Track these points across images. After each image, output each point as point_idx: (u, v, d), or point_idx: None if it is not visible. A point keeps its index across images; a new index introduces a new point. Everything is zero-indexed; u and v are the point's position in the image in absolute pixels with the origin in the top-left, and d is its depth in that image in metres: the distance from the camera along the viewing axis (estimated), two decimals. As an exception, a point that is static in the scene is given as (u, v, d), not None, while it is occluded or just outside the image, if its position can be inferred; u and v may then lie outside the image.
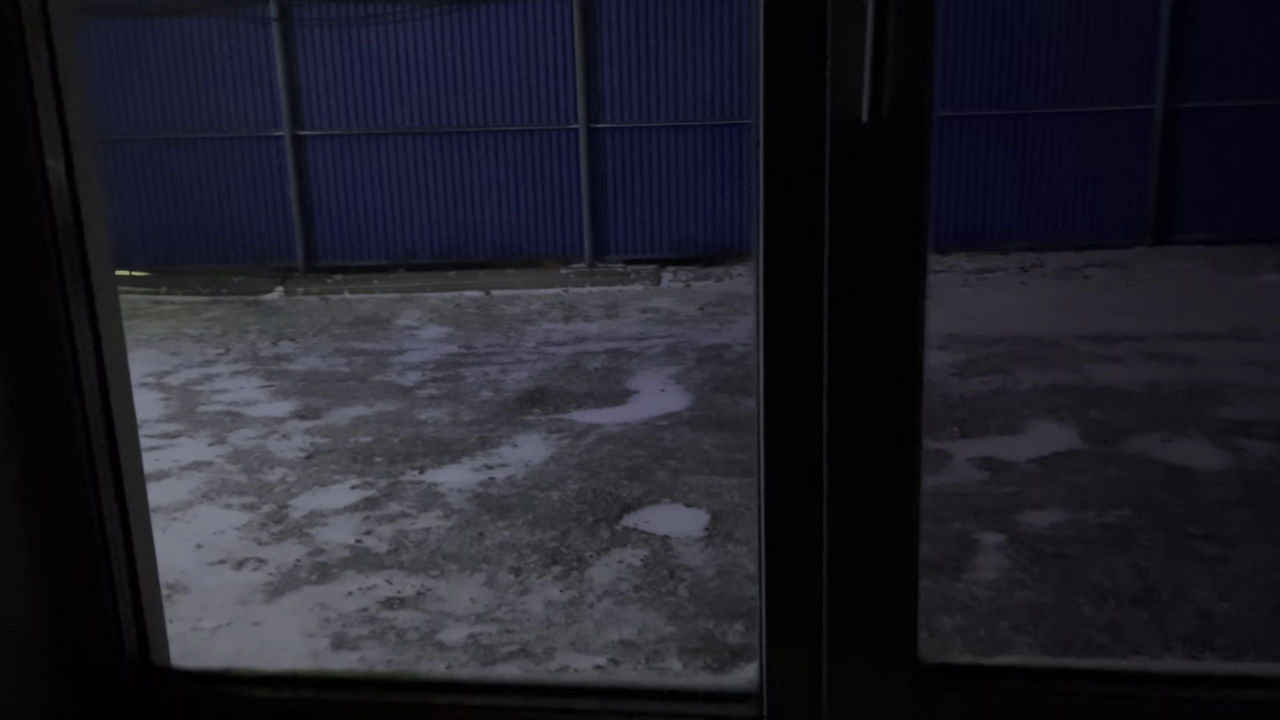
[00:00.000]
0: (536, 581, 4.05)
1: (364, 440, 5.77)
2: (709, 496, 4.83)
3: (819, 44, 0.97)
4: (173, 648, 4.05)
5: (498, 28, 10.34)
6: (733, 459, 5.30)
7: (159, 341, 8.37)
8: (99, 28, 10.25)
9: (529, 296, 9.81)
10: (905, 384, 1.05)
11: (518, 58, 10.41)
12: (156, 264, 10.79)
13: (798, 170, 1.01)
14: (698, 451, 5.44)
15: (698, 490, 4.91)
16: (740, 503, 4.74)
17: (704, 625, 3.70)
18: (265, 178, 10.62)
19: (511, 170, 10.65)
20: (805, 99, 0.99)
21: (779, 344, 1.06)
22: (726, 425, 5.84)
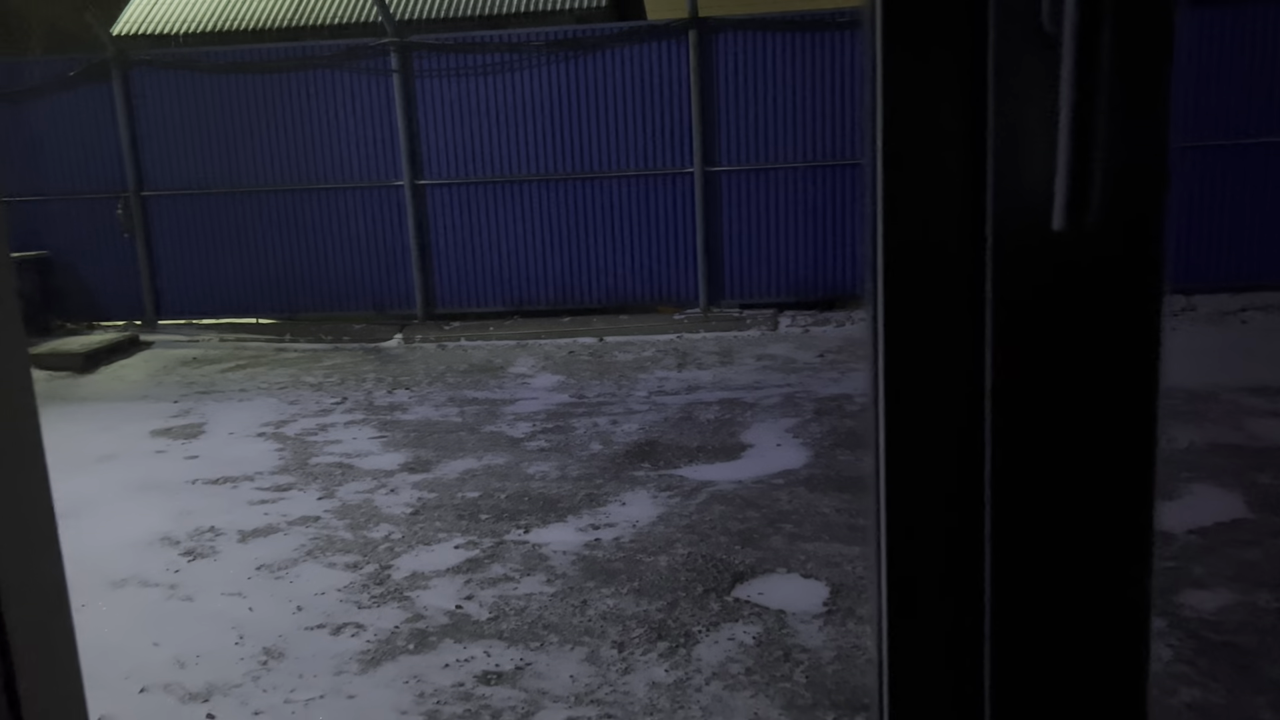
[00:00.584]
0: (640, 659, 3.79)
1: (471, 495, 5.64)
2: (828, 566, 4.49)
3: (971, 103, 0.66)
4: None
5: (612, 73, 10.31)
6: (854, 524, 4.95)
7: (279, 390, 8.50)
8: (228, 83, 10.64)
9: (642, 343, 9.63)
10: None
11: (633, 103, 10.34)
12: (282, 311, 11.07)
13: (935, 308, 0.72)
14: (816, 514, 5.11)
15: (816, 559, 4.58)
16: (863, 575, 4.38)
17: (822, 718, 3.37)
18: (386, 226, 10.79)
19: (626, 215, 10.55)
20: (946, 190, 0.68)
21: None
22: (848, 486, 5.48)
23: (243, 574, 4.72)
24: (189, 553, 5.00)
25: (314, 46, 10.70)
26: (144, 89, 10.73)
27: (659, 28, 10.39)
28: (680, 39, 10.19)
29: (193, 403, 8.19)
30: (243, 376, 9.09)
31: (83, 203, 10.95)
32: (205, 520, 5.42)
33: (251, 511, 5.55)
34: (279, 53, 10.70)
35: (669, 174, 10.43)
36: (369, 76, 10.53)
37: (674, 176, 10.43)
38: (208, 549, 5.04)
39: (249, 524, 5.35)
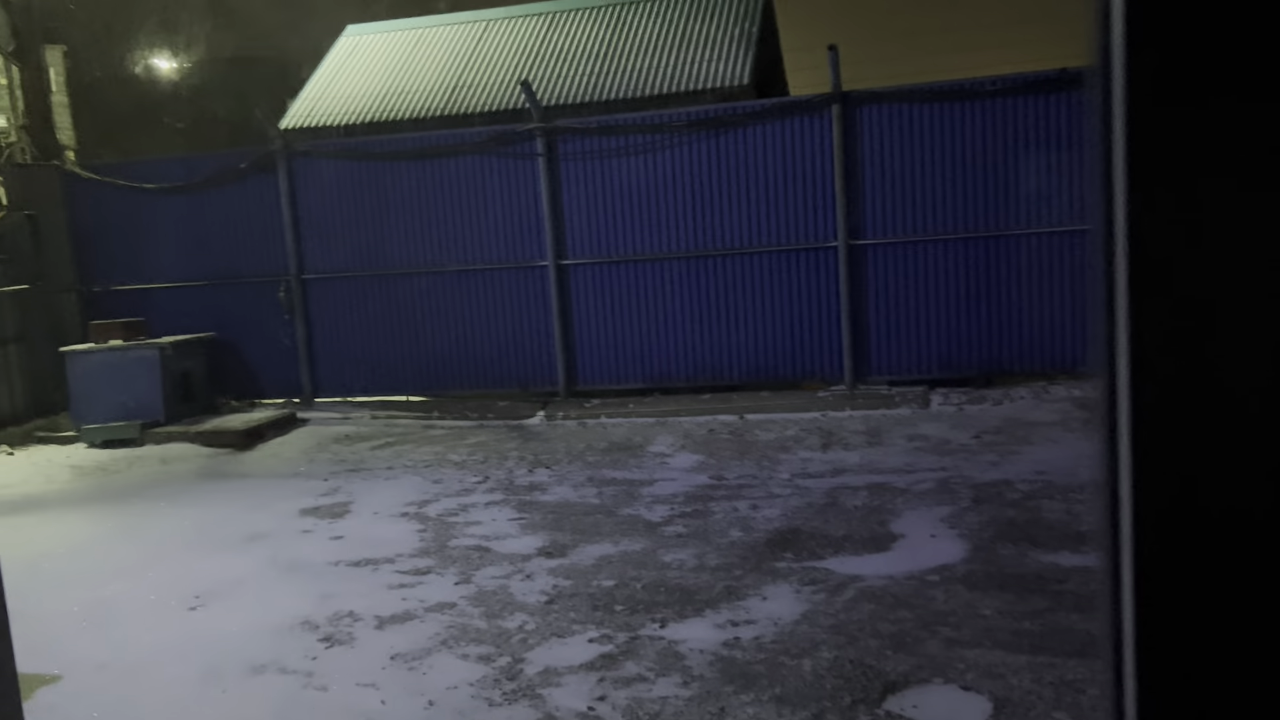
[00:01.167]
0: (783, 777, 3.50)
1: (606, 584, 5.48)
2: (991, 677, 4.10)
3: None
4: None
5: (754, 149, 10.24)
6: (1020, 628, 4.53)
7: (424, 468, 8.61)
8: (383, 170, 11.09)
9: (784, 421, 9.35)
10: None
11: (774, 178, 10.23)
12: (431, 389, 11.31)
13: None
14: (976, 617, 4.70)
15: (977, 668, 4.19)
16: (1031, 688, 3.97)
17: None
18: (530, 305, 10.94)
19: (768, 290, 10.37)
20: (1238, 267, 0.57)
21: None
22: (1010, 584, 5.05)
23: (377, 664, 4.67)
24: (327, 639, 5.00)
25: (464, 134, 11.07)
26: (306, 178, 11.31)
27: (801, 103, 10.29)
28: (823, 113, 10.06)
29: (342, 480, 8.37)
30: (390, 454, 9.27)
31: (248, 286, 11.55)
32: (345, 604, 5.43)
33: (390, 596, 5.53)
34: (430, 140, 11.11)
35: (812, 248, 10.22)
36: (515, 160, 10.80)
37: (817, 251, 10.21)
38: (345, 635, 5.02)
39: (387, 609, 5.33)
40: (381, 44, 16.12)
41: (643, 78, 13.83)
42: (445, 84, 14.64)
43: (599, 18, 15.79)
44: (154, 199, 11.62)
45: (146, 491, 8.49)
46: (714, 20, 15.08)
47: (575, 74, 14.19)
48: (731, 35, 14.56)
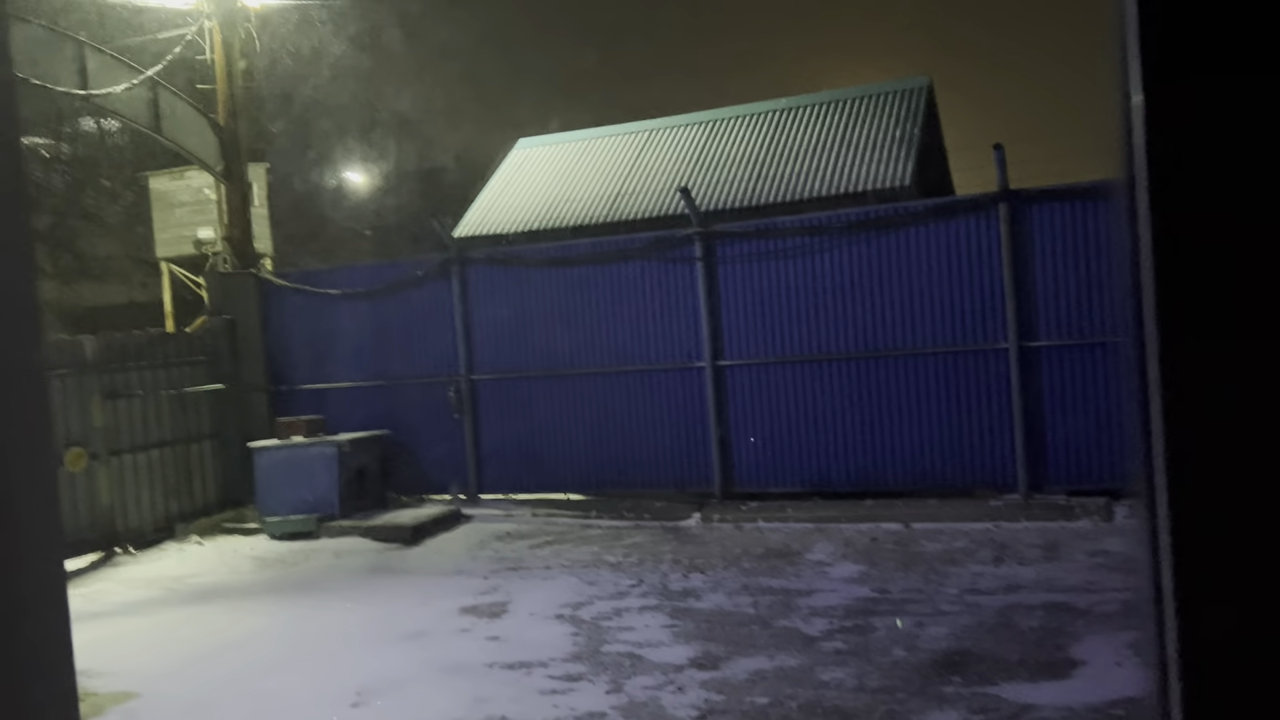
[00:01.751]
0: None
1: (759, 701, 5.28)
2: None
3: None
4: None
5: (917, 250, 10.06)
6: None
7: (580, 569, 8.63)
8: (548, 275, 11.48)
9: (953, 531, 8.92)
10: None
11: (939, 279, 9.99)
12: (589, 488, 11.41)
13: None
14: (1168, 760, 4.26)
15: (1171, 821, 3.77)
16: None
17: None
18: (687, 406, 10.97)
19: (933, 393, 10.04)
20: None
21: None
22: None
23: (526, 773, 4.62)
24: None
25: (624, 240, 11.37)
26: (476, 283, 11.83)
27: (966, 203, 10.08)
28: (990, 212, 9.81)
29: (501, 579, 8.47)
30: (549, 553, 9.35)
31: (420, 386, 12.06)
32: (498, 709, 5.43)
33: (542, 702, 5.50)
34: (592, 247, 11.46)
35: (980, 350, 9.87)
36: (674, 264, 10.98)
37: (986, 353, 9.85)
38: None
39: (537, 716, 5.29)
40: (549, 155, 16.89)
41: (801, 181, 13.92)
42: (608, 192, 15.15)
43: (758, 124, 16.08)
44: (337, 304, 12.39)
45: (320, 585, 8.84)
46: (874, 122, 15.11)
47: (734, 179, 14.44)
48: (893, 137, 14.52)
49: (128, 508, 10.84)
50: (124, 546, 10.66)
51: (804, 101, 16.35)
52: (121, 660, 6.80)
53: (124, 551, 10.61)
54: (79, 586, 9.25)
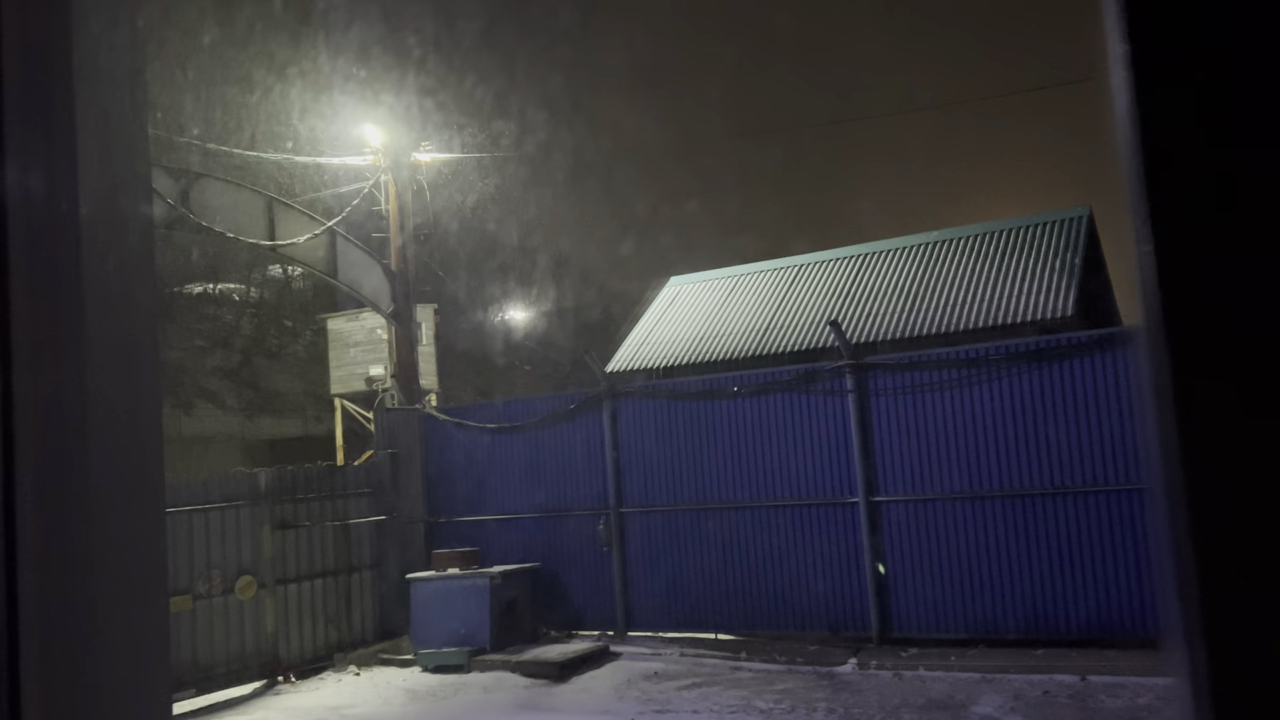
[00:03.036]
0: None
1: None
2: None
3: None
4: None
5: (1082, 382, 9.59)
6: None
7: (730, 714, 8.30)
8: (697, 408, 11.50)
9: (1136, 686, 8.15)
10: None
11: (1107, 412, 9.46)
12: (738, 627, 11.08)
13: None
14: None
15: None
16: None
17: None
18: (840, 544, 10.60)
19: (1108, 534, 9.38)
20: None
21: None
22: None
23: None
24: None
25: (773, 373, 11.32)
26: (627, 416, 11.97)
27: (1133, 333, 9.60)
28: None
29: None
30: (696, 696, 9.04)
31: (571, 519, 12.15)
32: None
33: None
34: (742, 380, 11.45)
35: (1157, 487, 9.19)
36: (824, 398, 10.83)
37: (1164, 490, 9.17)
38: None
39: None
40: (700, 292, 17.20)
41: (956, 312, 13.64)
42: (757, 326, 15.23)
43: (910, 257, 15.97)
44: (493, 437, 12.74)
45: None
46: (1033, 252, 14.77)
47: (886, 311, 14.28)
48: (1052, 267, 14.14)
49: (290, 636, 11.18)
50: (286, 674, 10.95)
51: (958, 234, 16.17)
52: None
53: (285, 680, 10.89)
54: (243, 714, 9.52)
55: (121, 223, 0.85)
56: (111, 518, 0.88)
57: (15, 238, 0.79)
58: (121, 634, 0.88)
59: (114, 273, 0.85)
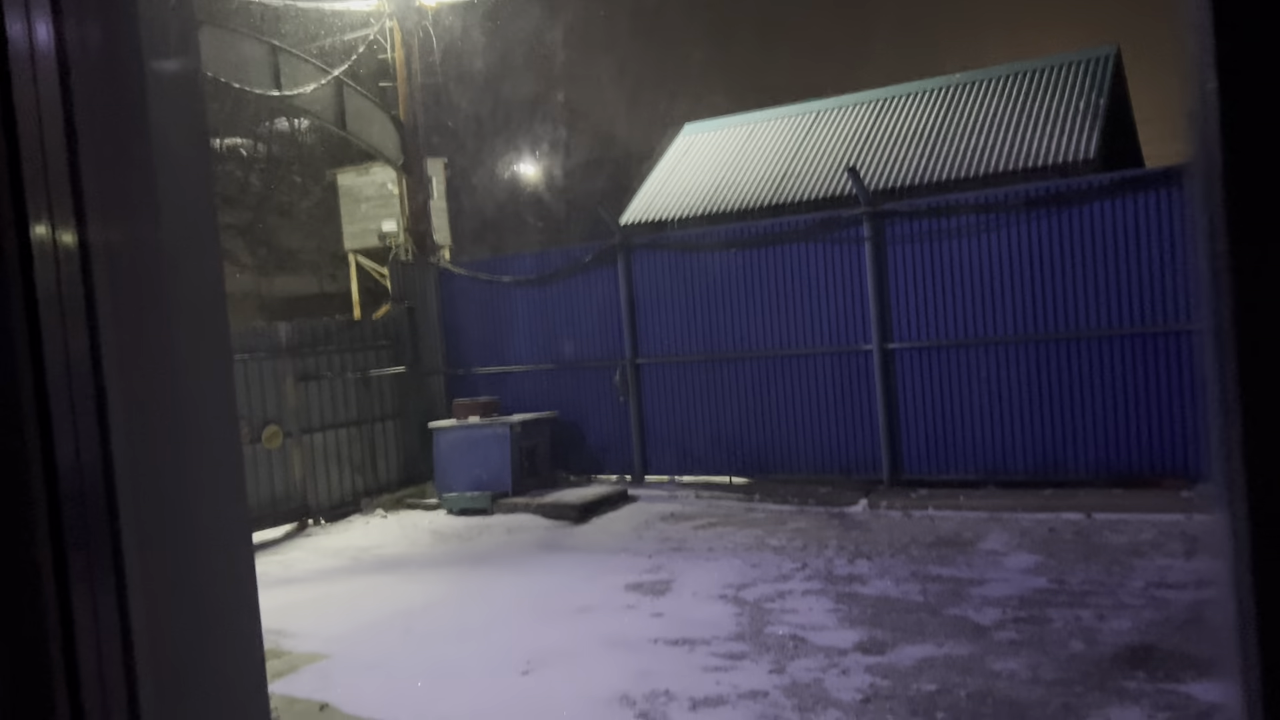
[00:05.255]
0: None
1: (927, 688, 5.15)
2: None
3: None
4: None
5: (1100, 227, 9.51)
6: None
7: (744, 551, 8.63)
8: (712, 259, 11.49)
9: (1139, 522, 8.42)
10: None
11: (1124, 256, 9.43)
12: (752, 472, 11.39)
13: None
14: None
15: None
16: None
17: None
18: (853, 391, 10.77)
19: (1119, 377, 9.49)
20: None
21: None
22: None
23: (688, 745, 4.67)
24: (643, 715, 5.08)
25: (789, 222, 11.24)
26: (641, 268, 11.98)
27: (1155, 176, 9.46)
28: (1180, 186, 9.18)
29: (665, 558, 8.58)
30: (712, 535, 9.39)
31: (588, 370, 12.33)
32: (661, 683, 5.51)
33: (704, 678, 5.55)
34: (757, 230, 11.38)
35: (1169, 332, 9.26)
36: (840, 245, 10.78)
37: (1176, 334, 9.23)
38: (660, 714, 5.09)
39: (700, 691, 5.35)
40: (714, 140, 16.88)
41: (975, 157, 13.40)
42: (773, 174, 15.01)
43: (930, 100, 15.57)
44: (509, 291, 12.80)
45: (493, 559, 9.19)
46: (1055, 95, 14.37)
47: (904, 157, 14.03)
48: (1075, 109, 13.78)
49: (318, 483, 11.56)
50: (315, 518, 11.40)
51: (978, 76, 15.70)
52: (313, 623, 7.28)
53: (315, 523, 11.34)
54: (276, 554, 9.95)
55: (181, 78, 0.87)
56: (189, 367, 0.94)
57: (80, 96, 0.81)
58: (203, 464, 0.95)
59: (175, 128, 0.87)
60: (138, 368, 0.87)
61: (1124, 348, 9.47)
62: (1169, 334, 9.28)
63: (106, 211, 0.84)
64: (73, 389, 0.81)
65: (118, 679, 0.80)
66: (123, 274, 0.86)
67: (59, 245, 0.81)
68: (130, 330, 0.87)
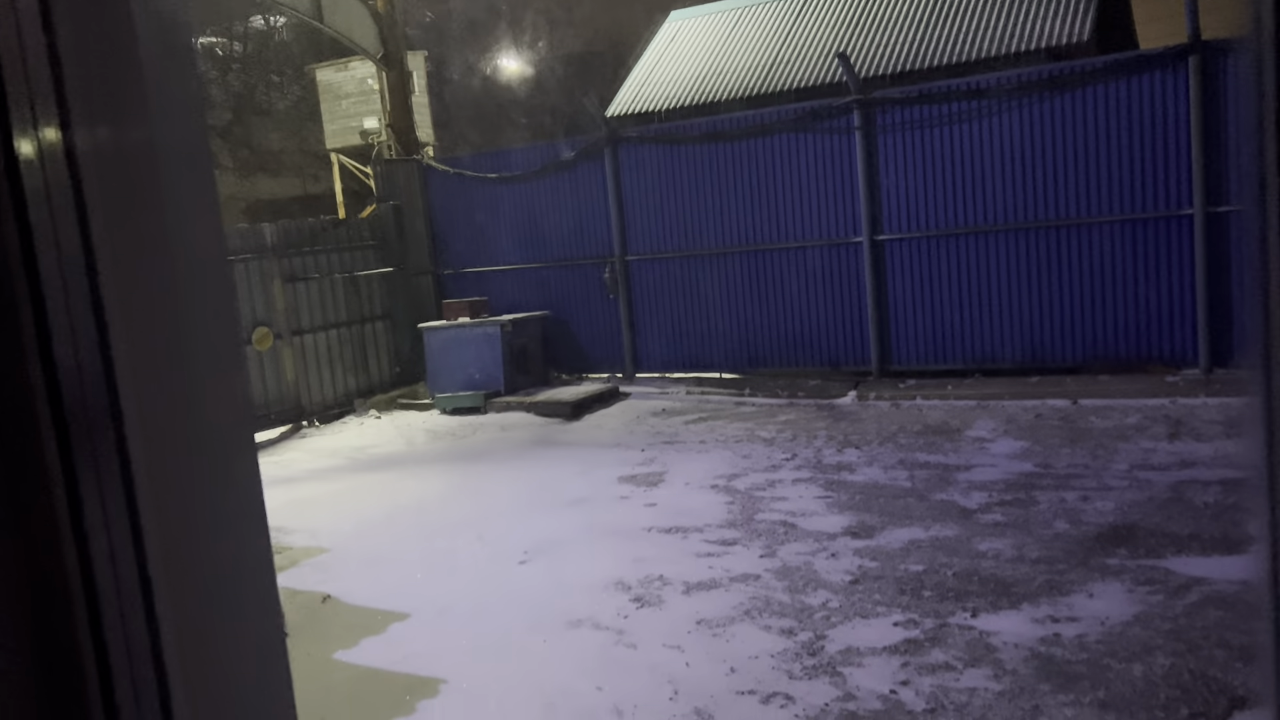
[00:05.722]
0: (1103, 788, 3.23)
1: (914, 569, 5.31)
2: (1368, 707, 3.53)
3: None
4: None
5: (1092, 112, 9.39)
6: None
7: (734, 443, 8.76)
8: (700, 152, 11.34)
9: (1124, 408, 8.56)
10: None
11: (1116, 142, 9.33)
12: (742, 366, 11.47)
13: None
14: (1352, 636, 4.07)
15: (1350, 695, 3.62)
16: None
17: None
18: (843, 283, 10.77)
19: (1107, 264, 9.51)
20: None
21: None
22: (1399, 602, 4.32)
23: (683, 627, 4.83)
24: (638, 599, 5.24)
25: (778, 111, 11.06)
26: (629, 163, 11.83)
27: (1151, 58, 9.30)
28: (1177, 68, 9.03)
29: (657, 451, 8.71)
30: (703, 429, 9.52)
31: (577, 268, 12.28)
32: (655, 569, 5.66)
33: (697, 564, 5.70)
34: (745, 120, 11.20)
35: (1160, 218, 9.24)
36: (830, 136, 10.64)
37: (1167, 220, 9.22)
38: (655, 598, 5.24)
39: (694, 576, 5.50)
40: (702, 27, 16.47)
41: (967, 42, 13.13)
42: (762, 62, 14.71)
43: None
44: (496, 188, 12.65)
45: (487, 455, 9.32)
46: (1050, -26, 13.98)
47: (895, 43, 13.74)
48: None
49: (311, 385, 11.62)
50: (309, 420, 11.48)
51: (972, -44, 15.23)
52: (312, 520, 7.41)
53: (309, 424, 11.43)
54: (271, 455, 10.06)
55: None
56: (187, 269, 0.93)
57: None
58: (205, 361, 0.95)
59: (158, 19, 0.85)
60: (134, 270, 0.86)
61: (1113, 234, 9.46)
62: (1159, 220, 9.26)
63: (92, 110, 0.83)
64: (68, 292, 0.81)
65: (131, 576, 0.82)
66: (113, 175, 0.85)
67: (43, 145, 0.80)
68: (125, 232, 0.86)
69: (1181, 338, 9.29)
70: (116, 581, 0.81)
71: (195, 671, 0.85)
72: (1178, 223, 9.18)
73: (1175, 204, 9.17)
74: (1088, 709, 3.71)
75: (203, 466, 0.92)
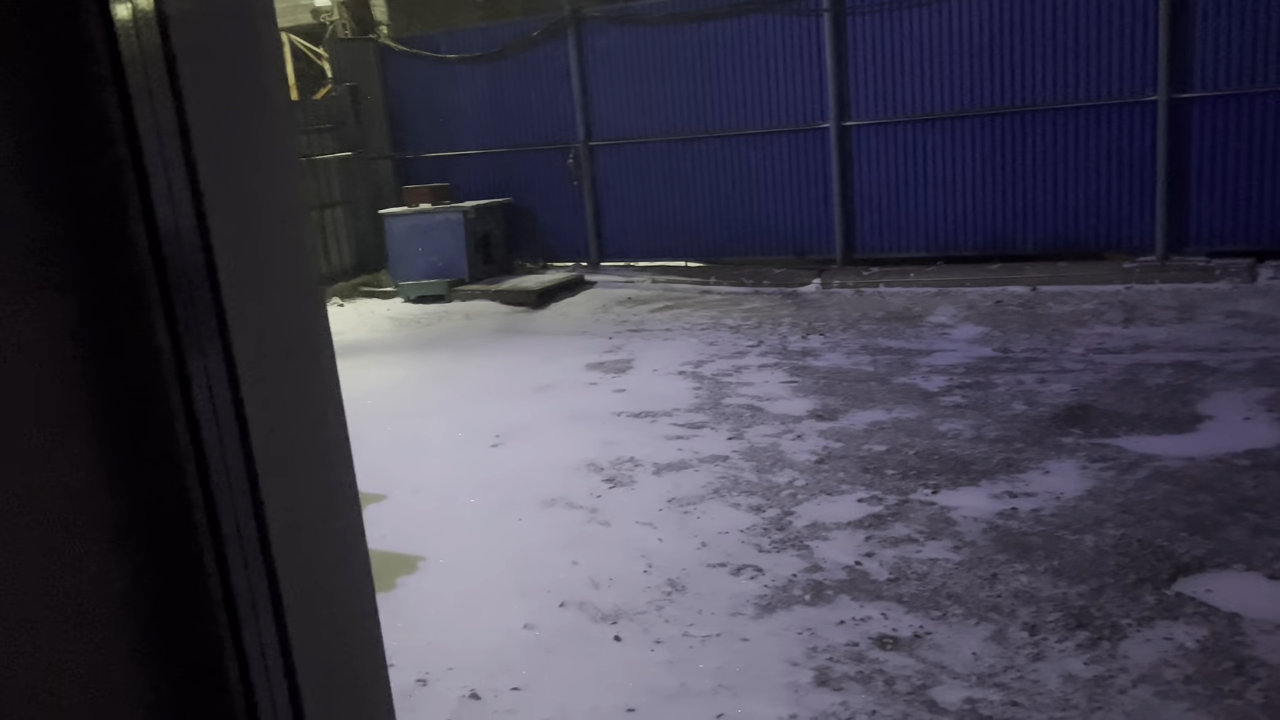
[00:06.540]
0: (1055, 646, 3.43)
1: (877, 449, 5.46)
2: (1303, 570, 3.75)
3: None
4: (664, 652, 4.04)
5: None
6: (1343, 522, 4.09)
7: (700, 331, 8.84)
8: (666, 35, 11.09)
9: (1082, 293, 8.73)
10: None
11: (1084, 25, 9.26)
12: (708, 255, 11.47)
13: None
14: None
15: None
16: (1351, 586, 3.61)
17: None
18: (809, 170, 10.72)
19: (1069, 150, 9.55)
20: None
21: None
22: (1337, 475, 4.54)
23: (655, 505, 4.96)
24: (610, 480, 5.36)
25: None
26: (593, 45, 11.54)
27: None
28: (1148, -52, 8.92)
29: (624, 339, 8.77)
30: (669, 317, 9.57)
31: (540, 153, 12.09)
32: (626, 451, 5.77)
33: (667, 446, 5.82)
34: (714, 1, 10.93)
35: (1123, 103, 9.26)
36: (799, 19, 10.44)
37: (1130, 106, 9.24)
38: (626, 478, 5.36)
39: (664, 458, 5.62)
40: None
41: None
42: (729, -59, 14.26)
43: None
44: (456, 69, 12.31)
45: (453, 342, 9.32)
46: None
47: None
48: None
49: (272, 272, 11.45)
50: (272, 308, 11.36)
51: None
52: (281, 406, 7.41)
53: (272, 313, 11.31)
54: (236, 343, 9.97)
55: None
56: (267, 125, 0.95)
57: None
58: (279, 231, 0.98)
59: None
60: (220, 140, 0.87)
61: (1077, 120, 9.48)
62: (1125, 105, 9.28)
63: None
64: (166, 160, 0.82)
65: (229, 416, 0.85)
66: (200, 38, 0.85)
67: (137, 10, 0.80)
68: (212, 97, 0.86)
69: (1140, 225, 9.42)
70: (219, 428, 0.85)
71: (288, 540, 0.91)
72: (1140, 109, 9.21)
73: (1140, 89, 9.17)
74: (1042, 576, 3.90)
75: (284, 323, 0.96)
